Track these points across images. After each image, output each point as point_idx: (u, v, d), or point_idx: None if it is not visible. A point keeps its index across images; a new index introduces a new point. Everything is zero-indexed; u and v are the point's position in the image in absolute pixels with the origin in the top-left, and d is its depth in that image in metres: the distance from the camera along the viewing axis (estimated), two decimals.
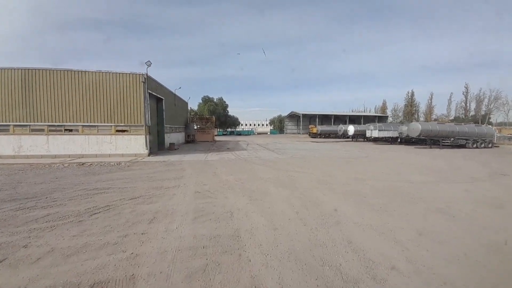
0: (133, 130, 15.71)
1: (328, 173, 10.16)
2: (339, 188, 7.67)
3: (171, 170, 10.71)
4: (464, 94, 71.55)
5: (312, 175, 9.79)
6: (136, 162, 13.28)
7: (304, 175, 9.67)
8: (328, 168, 11.50)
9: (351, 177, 9.37)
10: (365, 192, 7.19)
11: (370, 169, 11.40)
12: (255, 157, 15.96)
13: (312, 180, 8.84)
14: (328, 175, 9.72)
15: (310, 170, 10.97)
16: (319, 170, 11.02)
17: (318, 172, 10.49)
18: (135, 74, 15.47)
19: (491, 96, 65.11)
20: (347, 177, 9.45)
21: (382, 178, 9.33)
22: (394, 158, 15.72)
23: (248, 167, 11.64)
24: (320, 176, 9.49)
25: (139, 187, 7.63)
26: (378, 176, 9.75)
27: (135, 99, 15.55)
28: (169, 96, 22.59)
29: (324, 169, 11.19)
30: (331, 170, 10.93)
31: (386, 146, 26.59)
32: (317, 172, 10.36)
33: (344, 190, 7.43)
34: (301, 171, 10.57)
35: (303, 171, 10.57)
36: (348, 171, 10.72)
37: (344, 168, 11.59)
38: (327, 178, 9.22)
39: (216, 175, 9.73)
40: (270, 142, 32.10)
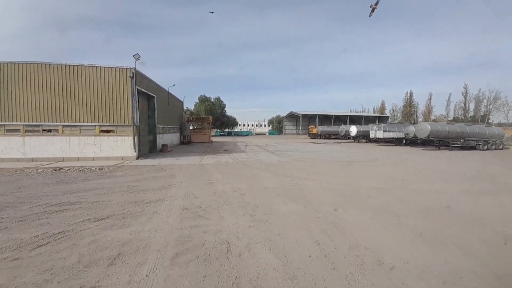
0: (120, 131, 14.17)
1: (341, 181, 8.76)
2: (362, 202, 6.26)
3: (159, 177, 9.22)
4: (463, 95, 71.02)
5: (324, 183, 8.37)
6: (122, 167, 11.76)
7: (314, 184, 8.25)
8: (339, 174, 10.10)
9: (370, 186, 7.97)
10: (394, 208, 5.78)
11: (386, 175, 10.02)
12: (255, 160, 14.52)
13: (325, 190, 7.42)
14: (342, 183, 8.31)
15: (320, 176, 9.56)
16: (330, 176, 9.61)
17: (330, 179, 9.07)
18: (122, 68, 13.95)
19: (490, 96, 64.67)
20: (366, 186, 8.05)
21: (405, 187, 7.95)
22: (407, 161, 14.38)
23: (248, 173, 10.19)
24: (333, 185, 8.08)
25: (114, 202, 6.14)
26: (399, 184, 8.36)
27: (122, 96, 14.02)
28: (162, 94, 21.06)
29: (335, 175, 9.79)
30: (343, 177, 9.53)
31: (392, 147, 25.32)
32: (328, 179, 8.95)
33: (369, 205, 6.01)
34: (310, 178, 9.14)
35: (312, 178, 9.15)
36: (363, 178, 9.33)
37: (357, 174, 10.19)
38: (342, 187, 7.81)
39: (211, 183, 8.26)
40: (269, 143, 30.69)
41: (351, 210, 5.55)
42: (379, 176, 9.85)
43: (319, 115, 56.47)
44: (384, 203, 6.12)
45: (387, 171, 11.02)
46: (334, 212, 5.42)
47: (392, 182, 8.59)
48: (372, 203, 6.12)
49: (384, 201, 6.34)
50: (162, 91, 21.16)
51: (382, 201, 6.30)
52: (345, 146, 26.59)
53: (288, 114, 65.04)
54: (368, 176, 9.82)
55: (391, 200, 6.38)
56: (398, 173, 10.64)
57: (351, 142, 34.69)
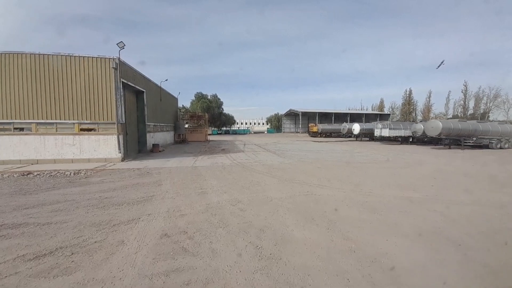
0: (103, 129, 12.55)
1: (360, 188, 7.28)
2: (401, 222, 4.78)
3: (141, 185, 7.66)
4: (463, 92, 70.36)
5: (341, 191, 6.89)
6: (102, 171, 10.17)
7: (329, 192, 6.77)
8: (355, 179, 8.63)
9: (398, 196, 6.51)
10: (449, 232, 4.31)
11: (409, 180, 8.58)
12: (256, 161, 13.01)
13: (346, 202, 5.94)
14: (363, 192, 6.84)
15: (333, 182, 8.08)
16: (344, 182, 8.14)
17: (346, 185, 7.60)
18: (104, 58, 12.30)
19: (490, 94, 64.11)
20: (392, 195, 6.59)
21: (441, 197, 6.50)
22: (424, 163, 12.98)
23: (248, 178, 8.68)
24: (353, 194, 6.60)
25: (71, 224, 4.59)
26: (432, 193, 6.91)
27: (104, 90, 12.38)
28: (153, 90, 19.40)
29: (351, 180, 8.32)
30: (360, 182, 8.06)
31: (398, 146, 23.97)
32: (344, 186, 7.48)
33: (412, 227, 4.53)
34: (322, 185, 7.66)
35: (324, 185, 7.67)
36: (384, 184, 7.87)
37: (375, 179, 8.74)
38: (365, 197, 6.33)
39: (204, 193, 6.73)
40: (269, 142, 29.20)
41: (393, 237, 4.06)
42: (401, 181, 8.40)
43: (319, 113, 55.08)
44: (431, 224, 4.65)
45: (407, 175, 9.58)
46: (372, 240, 3.94)
47: (422, 191, 7.14)
48: (416, 224, 4.64)
49: (428, 220, 4.87)
50: (153, 86, 19.50)
51: (426, 220, 4.83)
52: (349, 145, 25.19)
53: (287, 112, 63.57)
54: (389, 181, 8.37)
55: (436, 219, 4.92)
56: (421, 177, 9.21)
57: (353, 141, 33.33)
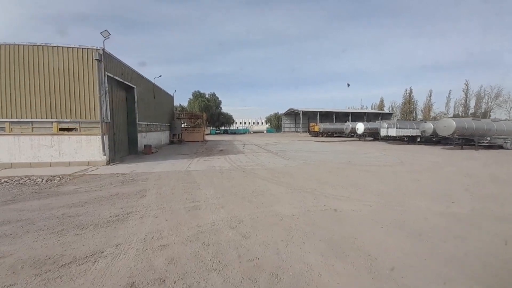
0: (85, 129, 11.17)
1: (387, 200, 5.98)
2: (463, 254, 3.47)
3: (120, 197, 6.31)
4: (464, 91, 69.67)
5: (366, 204, 5.58)
6: (81, 177, 8.81)
7: (352, 206, 5.45)
8: (375, 186, 7.32)
9: (438, 211, 5.21)
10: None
11: (438, 188, 7.30)
12: (257, 164, 11.69)
13: (379, 223, 4.62)
14: (393, 207, 5.53)
15: (351, 191, 6.77)
16: (364, 190, 6.83)
17: (367, 195, 6.30)
18: (86, 48, 10.91)
19: (491, 93, 63.46)
20: (431, 210, 5.28)
21: (492, 210, 5.22)
22: (442, 165, 11.71)
23: (250, 186, 7.35)
24: (383, 210, 5.29)
25: (7, 261, 3.23)
26: (479, 207, 5.62)
27: (86, 84, 11.00)
28: (145, 86, 18.01)
29: (371, 189, 7.01)
30: (383, 192, 6.76)
31: (406, 146, 22.75)
32: (366, 197, 6.17)
33: (483, 263, 3.22)
34: (340, 195, 6.34)
35: (342, 195, 6.36)
36: (412, 194, 6.57)
37: (397, 187, 7.43)
38: (399, 215, 5.02)
39: (196, 208, 5.40)
40: (269, 142, 27.89)
41: (456, 284, 2.75)
42: (429, 189, 7.11)
43: (320, 112, 53.82)
44: (503, 260, 3.35)
45: (433, 182, 8.30)
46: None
47: (463, 203, 5.85)
48: (490, 260, 3.33)
49: (501, 249, 3.57)
50: (146, 83, 18.10)
51: (498, 249, 3.53)
52: (354, 145, 23.93)
53: (287, 111, 62.28)
54: (415, 189, 7.07)
55: (508, 251, 3.63)
56: (450, 184, 7.93)
57: (356, 141, 32.11)
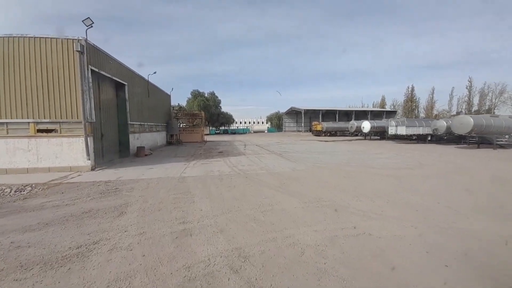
0: (66, 130, 9.89)
1: (434, 219, 4.67)
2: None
3: (93, 215, 5.01)
4: (468, 88, 68.47)
5: (408, 226, 4.27)
6: (57, 186, 7.52)
7: (392, 229, 4.15)
8: (408, 198, 6.02)
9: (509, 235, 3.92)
10: None
11: (487, 199, 6.00)
12: (261, 168, 10.40)
13: (438, 256, 3.31)
14: (446, 229, 4.20)
15: (381, 204, 5.47)
16: (398, 205, 5.53)
17: (407, 213, 4.99)
18: (66, 39, 9.63)
19: (495, 90, 62.38)
20: (502, 234, 3.99)
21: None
22: (469, 168, 10.41)
23: (256, 198, 6.06)
24: (435, 236, 3.97)
25: None
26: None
27: (67, 79, 9.71)
28: (138, 84, 16.72)
29: (406, 202, 5.70)
30: (422, 205, 5.45)
31: (417, 145, 21.43)
32: (405, 215, 4.87)
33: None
34: (369, 211, 5.04)
35: (372, 211, 5.05)
36: (461, 208, 5.26)
37: (436, 197, 6.12)
38: (461, 243, 3.71)
39: (186, 233, 4.10)
40: (271, 142, 26.59)
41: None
42: (479, 201, 5.81)
43: (322, 111, 52.49)
44: None
45: (474, 190, 7.00)
46: None
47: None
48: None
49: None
50: (139, 80, 16.80)
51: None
52: (362, 145, 22.61)
53: (288, 110, 60.95)
54: (460, 200, 5.76)
55: None
56: (498, 194, 6.64)
57: (361, 140, 30.81)
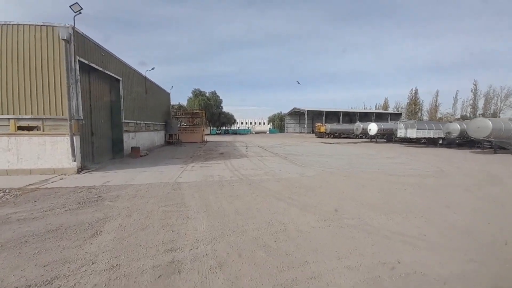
0: (50, 127, 8.88)
1: (497, 248, 3.63)
2: None
3: (61, 235, 3.98)
4: (473, 92, 67.48)
5: (469, 260, 3.21)
6: (31, 192, 6.50)
7: (449, 264, 3.08)
8: (450, 217, 4.96)
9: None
10: None
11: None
12: (266, 173, 9.35)
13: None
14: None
15: (419, 224, 4.40)
16: (441, 224, 4.47)
17: (460, 239, 3.94)
18: (51, 26, 8.64)
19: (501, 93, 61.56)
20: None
21: None
22: (501, 176, 9.33)
23: (264, 213, 5.00)
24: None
25: None
26: None
27: (51, 71, 8.72)
28: (135, 80, 15.73)
29: (450, 222, 4.65)
30: (470, 226, 4.40)
31: (428, 149, 20.32)
32: (460, 241, 3.81)
33: None
34: (409, 235, 3.97)
35: (412, 234, 3.98)
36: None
37: (486, 216, 5.07)
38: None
39: (173, 269, 3.03)
40: (274, 144, 25.53)
41: None
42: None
43: (326, 112, 51.41)
44: None
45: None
46: None
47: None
48: None
49: None
50: (135, 75, 15.80)
51: None
52: (370, 148, 21.51)
53: (290, 111, 59.91)
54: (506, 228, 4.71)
55: None
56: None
57: (367, 142, 29.71)
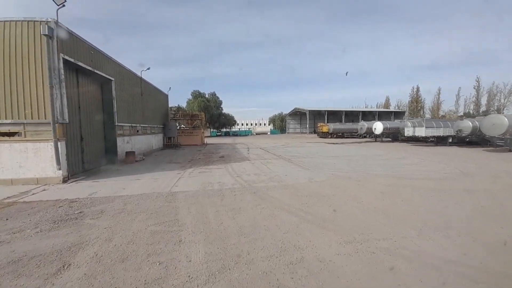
0: (32, 133, 8.04)
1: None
2: None
3: (17, 271, 3.12)
4: (476, 88, 66.73)
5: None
6: (6, 208, 5.63)
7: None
8: (504, 232, 4.10)
9: None
10: None
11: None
12: (271, 178, 8.48)
13: None
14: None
15: (473, 248, 3.53)
16: (507, 251, 3.60)
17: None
18: (32, 21, 7.81)
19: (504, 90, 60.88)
20: None
21: None
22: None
23: (274, 235, 4.11)
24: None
25: None
26: None
27: (32, 71, 7.89)
28: (129, 80, 14.91)
29: (507, 241, 3.78)
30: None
31: (439, 149, 19.41)
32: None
33: None
34: (464, 265, 3.10)
35: (470, 265, 3.12)
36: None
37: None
38: None
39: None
40: (276, 145, 24.65)
41: None
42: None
43: (328, 112, 50.52)
44: None
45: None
46: None
47: None
48: None
49: None
50: (129, 75, 14.97)
51: None
52: (377, 148, 20.61)
53: (291, 111, 59.05)
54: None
55: None
56: None
57: (372, 142, 28.85)
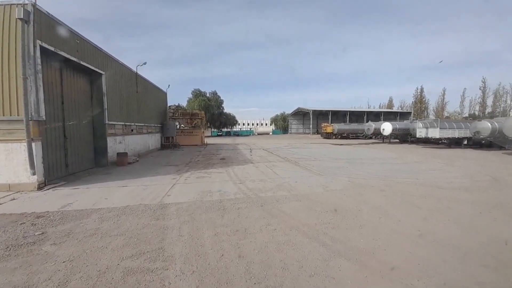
0: (3, 132, 6.97)
1: None
2: None
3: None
4: (481, 89, 65.70)
5: None
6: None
7: None
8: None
9: None
10: None
11: None
12: (279, 186, 7.36)
13: None
14: None
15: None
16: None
17: None
18: (9, 4, 6.76)
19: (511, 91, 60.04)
20: None
21: None
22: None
23: (293, 278, 3.01)
24: None
25: None
26: None
27: (5, 60, 6.84)
28: (122, 75, 13.84)
29: None
30: None
31: (454, 151, 18.21)
32: None
33: None
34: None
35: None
36: None
37: None
38: None
39: None
40: (279, 146, 23.51)
41: None
42: None
43: (332, 112, 49.29)
44: None
45: None
46: None
47: None
48: None
49: None
50: (123, 70, 13.88)
51: None
52: (387, 150, 19.42)
53: (294, 111, 57.87)
54: None
55: None
56: None
57: (380, 143, 27.68)
